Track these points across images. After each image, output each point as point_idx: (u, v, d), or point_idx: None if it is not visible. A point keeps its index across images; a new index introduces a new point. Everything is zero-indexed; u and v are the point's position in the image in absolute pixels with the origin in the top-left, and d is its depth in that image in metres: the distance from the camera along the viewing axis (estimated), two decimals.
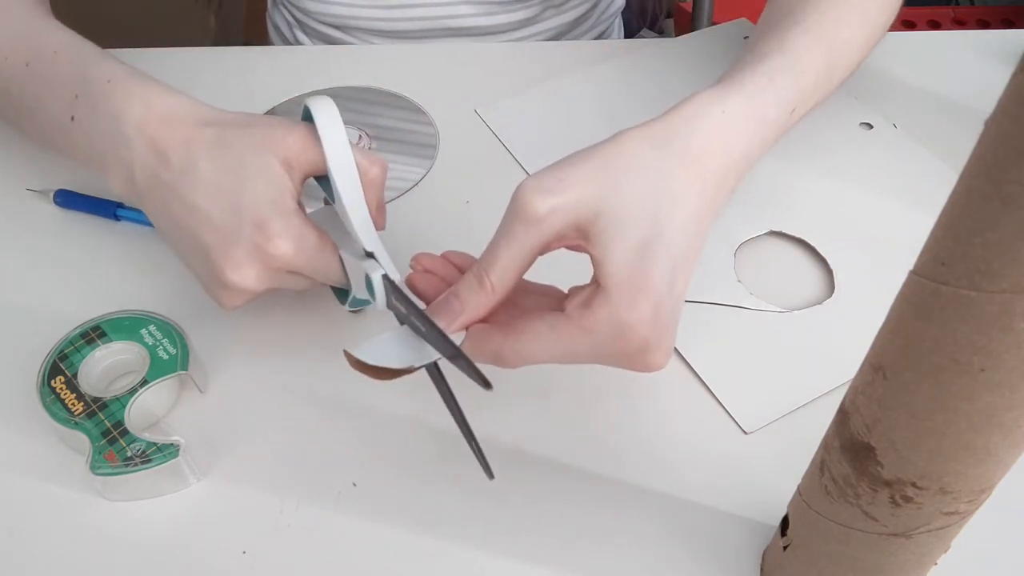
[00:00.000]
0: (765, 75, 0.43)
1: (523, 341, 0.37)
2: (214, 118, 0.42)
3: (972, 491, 0.28)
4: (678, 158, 0.38)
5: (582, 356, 0.37)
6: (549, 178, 0.36)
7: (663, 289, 0.36)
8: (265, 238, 0.39)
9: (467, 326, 0.38)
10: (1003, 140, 0.21)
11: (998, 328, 0.23)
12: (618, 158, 0.37)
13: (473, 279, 0.37)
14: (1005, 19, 1.35)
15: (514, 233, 0.36)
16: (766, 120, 0.42)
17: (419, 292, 0.41)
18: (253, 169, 0.40)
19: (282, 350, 0.47)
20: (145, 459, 0.40)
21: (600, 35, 0.82)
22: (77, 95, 0.44)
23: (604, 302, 0.35)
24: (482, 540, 0.40)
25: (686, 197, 0.37)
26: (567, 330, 0.36)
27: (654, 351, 0.36)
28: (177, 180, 0.41)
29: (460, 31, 0.73)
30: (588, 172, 0.36)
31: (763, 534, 0.41)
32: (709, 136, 0.39)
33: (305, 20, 0.76)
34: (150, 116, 0.42)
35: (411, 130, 0.61)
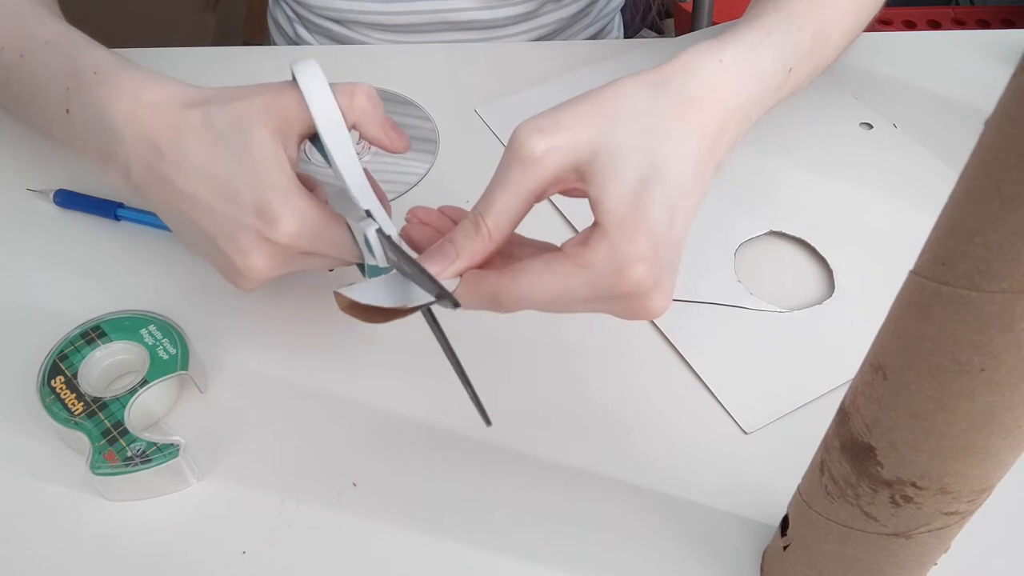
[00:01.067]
0: (761, 29, 0.43)
1: (518, 280, 0.36)
2: (199, 97, 0.41)
3: (972, 491, 0.28)
4: (675, 101, 0.37)
5: (579, 297, 0.36)
6: (546, 119, 0.36)
7: (662, 227, 0.35)
8: (267, 223, 0.39)
9: (462, 273, 0.37)
10: (1003, 140, 0.21)
11: (998, 328, 0.23)
12: (615, 100, 0.37)
13: (469, 225, 0.37)
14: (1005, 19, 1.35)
15: (511, 176, 0.36)
16: (764, 73, 0.42)
17: (414, 244, 0.40)
18: (246, 148, 0.39)
19: (282, 350, 0.47)
20: (145, 459, 0.40)
21: (599, 31, 0.82)
22: (68, 87, 0.44)
23: (601, 238, 0.34)
24: (482, 540, 0.40)
25: (684, 139, 0.37)
26: (564, 268, 0.35)
27: (653, 292, 0.35)
28: (172, 172, 0.40)
29: (461, 25, 0.73)
30: (585, 113, 0.36)
31: (763, 534, 0.41)
32: (706, 82, 0.39)
33: (306, 15, 0.76)
34: (137, 106, 0.41)
35: (411, 129, 0.61)
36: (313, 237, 0.40)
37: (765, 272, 0.52)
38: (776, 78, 0.43)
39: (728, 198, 0.55)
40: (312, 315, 0.49)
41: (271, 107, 0.40)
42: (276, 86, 0.41)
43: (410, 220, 0.41)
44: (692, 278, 0.50)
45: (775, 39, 0.43)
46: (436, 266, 0.36)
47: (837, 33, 0.49)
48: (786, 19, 0.44)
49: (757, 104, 0.42)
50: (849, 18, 0.49)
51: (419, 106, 0.63)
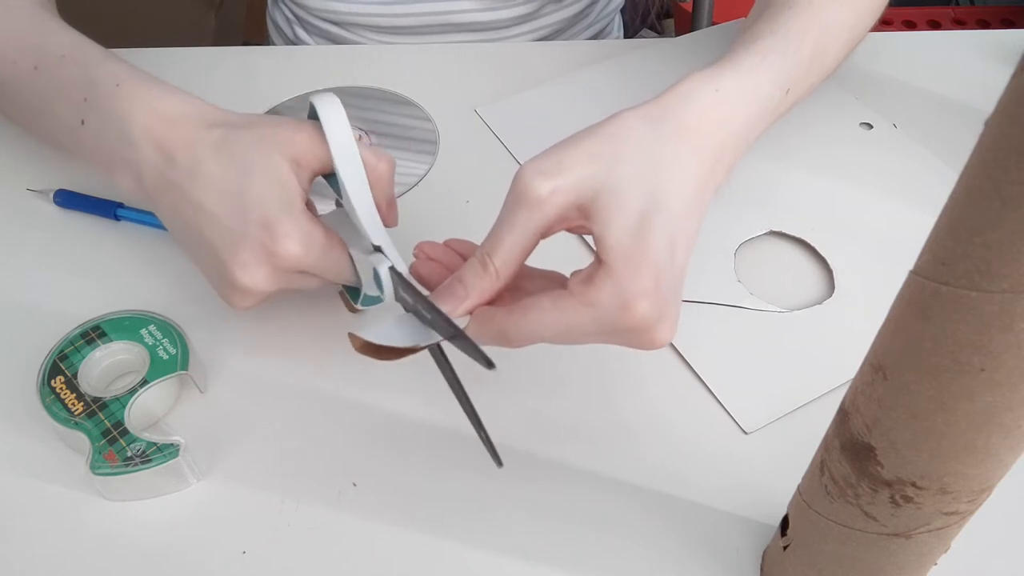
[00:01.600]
0: (758, 54, 0.44)
1: (526, 318, 0.37)
2: (220, 119, 0.42)
3: (972, 491, 0.28)
4: (673, 131, 0.38)
5: (586, 332, 0.37)
6: (547, 161, 0.37)
7: (664, 259, 0.36)
8: (272, 238, 0.39)
9: (471, 311, 0.38)
10: (1003, 140, 0.21)
11: (998, 328, 0.23)
12: (614, 136, 0.38)
13: (477, 264, 0.37)
14: (1005, 19, 1.35)
15: (516, 217, 0.36)
16: (760, 97, 0.42)
17: (423, 280, 0.41)
18: (259, 169, 0.40)
19: (282, 350, 0.47)
20: (145, 459, 0.40)
21: (599, 32, 0.82)
22: (86, 98, 0.45)
23: (606, 276, 0.35)
24: (482, 540, 0.40)
25: (683, 168, 0.37)
26: (570, 306, 0.36)
27: (658, 324, 0.36)
28: (184, 180, 0.41)
29: (461, 26, 0.73)
30: (586, 152, 0.37)
31: (763, 534, 0.41)
32: (703, 111, 0.39)
33: (304, 16, 0.76)
34: (156, 119, 0.42)
35: (411, 130, 0.61)
36: (316, 258, 0.41)
37: (765, 272, 0.52)
38: (773, 99, 0.43)
39: (728, 198, 0.55)
40: (312, 315, 0.49)
41: (290, 139, 0.41)
42: (297, 121, 0.42)
43: (417, 256, 0.41)
44: (692, 278, 0.50)
45: (771, 62, 0.44)
46: (447, 305, 0.37)
47: (835, 48, 0.49)
48: (783, 40, 0.45)
49: (755, 126, 0.42)
50: (847, 33, 0.50)
51: (419, 106, 0.63)
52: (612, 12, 0.82)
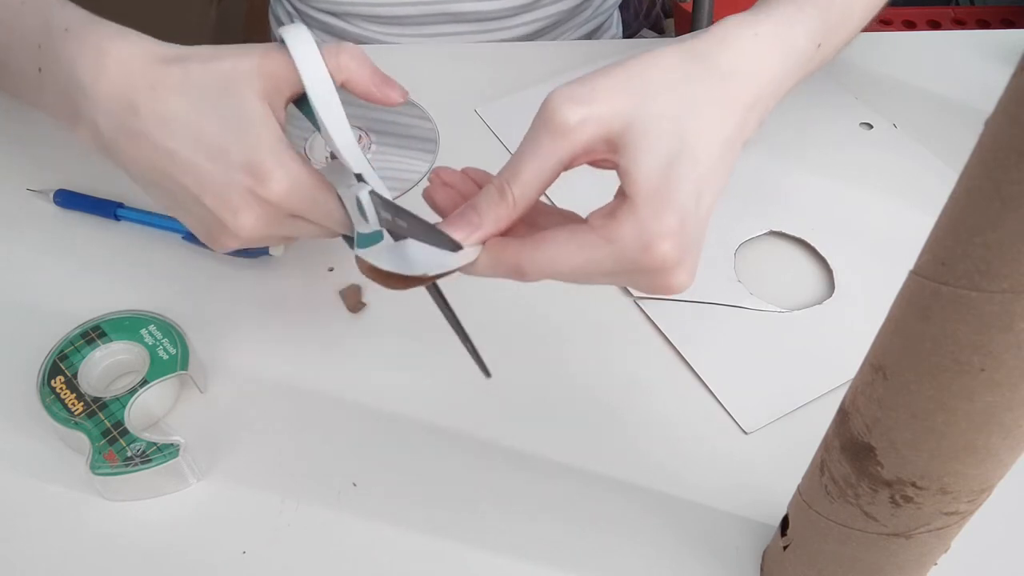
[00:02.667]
0: (793, 4, 0.42)
1: (542, 250, 0.35)
2: (175, 55, 0.40)
3: (972, 491, 0.28)
4: (709, 76, 0.37)
5: (603, 270, 0.35)
6: (580, 88, 0.35)
7: (689, 205, 0.35)
8: (258, 180, 0.38)
9: (484, 240, 0.37)
10: (1003, 140, 0.21)
11: (998, 328, 0.23)
12: (649, 70, 0.36)
13: (494, 191, 0.36)
14: (1005, 19, 1.35)
15: (541, 144, 0.35)
16: (796, 48, 0.41)
17: (437, 206, 0.39)
18: (234, 108, 0.38)
19: (282, 350, 0.47)
20: (145, 459, 0.40)
21: (598, 27, 0.82)
22: (40, 44, 0.42)
23: (630, 212, 0.34)
24: (482, 540, 0.40)
25: (716, 115, 0.36)
26: (589, 240, 0.35)
27: (677, 268, 0.35)
28: (151, 128, 0.39)
29: (459, 16, 0.73)
30: (619, 83, 0.36)
31: (763, 534, 0.41)
32: (740, 56, 0.38)
33: (304, 9, 0.77)
34: (106, 61, 0.40)
35: (411, 130, 0.61)
36: (304, 198, 0.39)
37: (765, 272, 0.52)
38: (807, 53, 0.42)
39: (728, 198, 0.55)
40: (312, 315, 0.49)
41: (259, 69, 0.39)
42: (262, 48, 0.40)
43: (432, 181, 0.40)
44: None
45: (807, 13, 0.42)
46: (458, 232, 0.36)
47: (859, 9, 0.48)
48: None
49: (787, 79, 0.41)
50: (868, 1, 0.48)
51: (419, 105, 0.63)
52: (610, 8, 0.83)
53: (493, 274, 0.36)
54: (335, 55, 0.40)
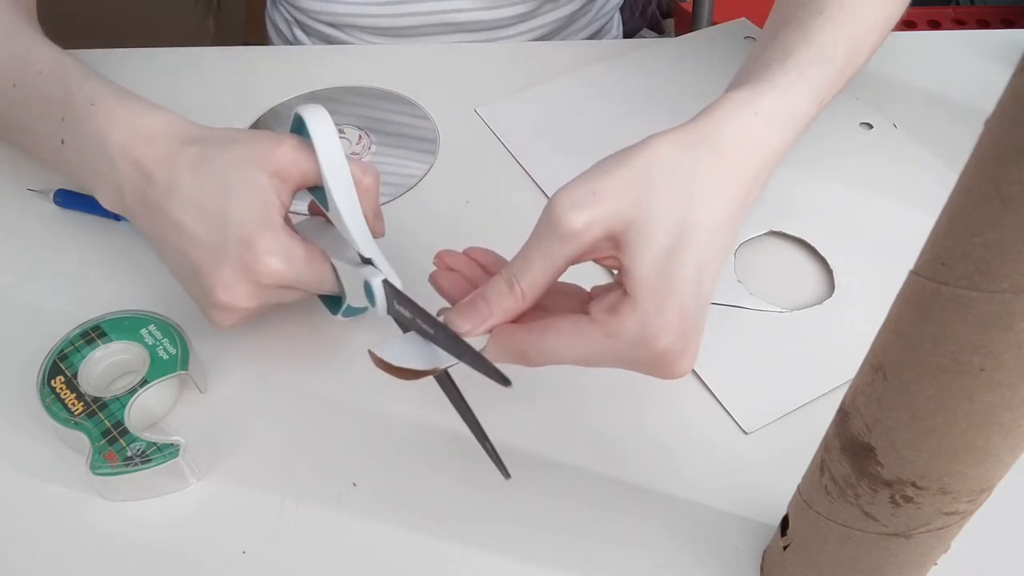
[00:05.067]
0: (795, 70, 0.42)
1: (546, 340, 0.36)
2: (197, 135, 0.42)
3: (972, 491, 0.28)
4: (708, 160, 0.37)
5: (605, 360, 0.37)
6: (582, 191, 0.36)
7: (690, 293, 0.35)
8: (253, 256, 0.39)
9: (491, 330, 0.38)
10: (1003, 140, 0.21)
11: (998, 328, 0.23)
12: (649, 165, 0.37)
13: (504, 284, 0.37)
14: (1005, 19, 1.35)
15: (547, 246, 0.36)
16: (797, 115, 0.42)
17: (443, 291, 0.40)
18: (238, 185, 0.40)
19: (282, 350, 0.47)
20: (145, 459, 0.40)
21: (598, 31, 0.82)
22: (64, 118, 0.45)
23: (631, 310, 0.35)
24: (482, 539, 0.40)
25: (715, 197, 0.37)
26: (591, 333, 0.36)
27: (679, 358, 0.36)
28: (163, 199, 0.41)
29: (459, 26, 0.73)
30: (621, 183, 0.36)
31: (763, 534, 0.41)
32: (741, 136, 0.39)
33: (304, 20, 0.76)
34: (132, 137, 0.42)
35: (411, 130, 0.61)
36: (297, 272, 0.40)
37: (765, 272, 0.52)
38: (809, 115, 0.43)
39: None
40: (312, 315, 0.49)
41: (270, 152, 0.40)
42: (277, 134, 0.41)
43: (437, 265, 0.41)
44: None
45: (808, 77, 0.42)
46: (468, 323, 0.37)
47: (865, 51, 0.48)
48: (818, 52, 0.44)
49: (789, 145, 0.42)
50: (876, 34, 0.49)
51: (419, 106, 0.63)
52: (611, 11, 0.82)
53: (499, 360, 0.37)
54: (362, 172, 0.42)
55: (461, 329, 0.37)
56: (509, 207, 0.55)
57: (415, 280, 0.43)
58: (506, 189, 0.57)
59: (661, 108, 0.62)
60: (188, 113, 0.44)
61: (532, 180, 0.57)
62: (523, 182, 0.57)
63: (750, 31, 0.69)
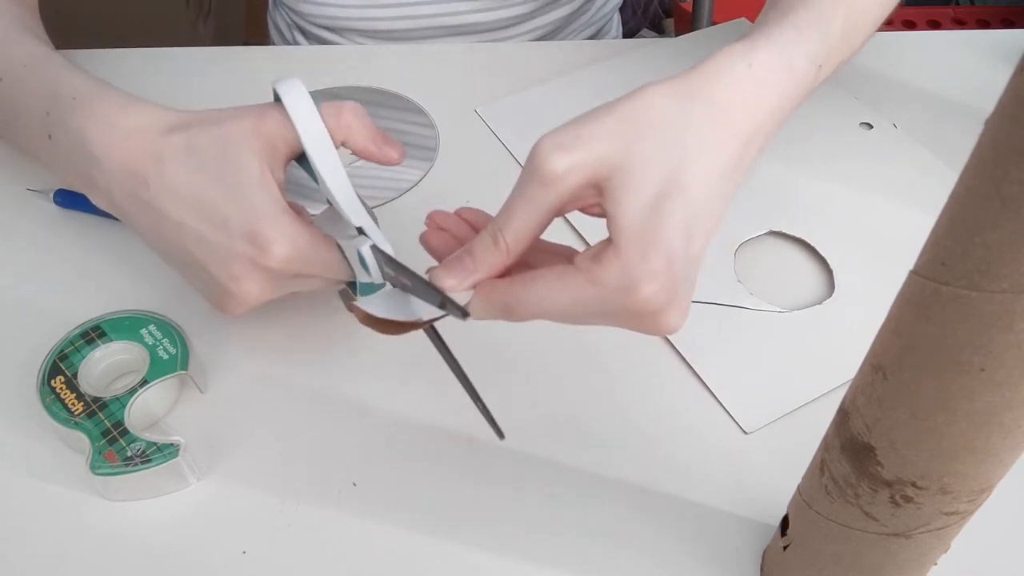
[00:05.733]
0: (792, 27, 0.41)
1: (530, 290, 0.36)
2: (178, 122, 0.41)
3: (972, 491, 0.28)
4: (702, 111, 0.36)
5: (591, 311, 0.36)
6: (567, 134, 0.35)
7: (677, 244, 0.34)
8: (259, 249, 0.39)
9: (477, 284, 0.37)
10: (1003, 140, 0.21)
11: (998, 328, 0.23)
12: (638, 112, 0.36)
13: (488, 238, 0.36)
14: (1005, 19, 1.35)
15: (531, 193, 0.35)
16: (794, 74, 0.41)
17: (432, 250, 0.40)
18: (233, 174, 0.39)
19: (282, 350, 0.47)
20: (145, 459, 0.40)
21: (597, 32, 0.82)
22: (48, 112, 0.43)
23: (614, 255, 0.34)
24: (482, 539, 0.40)
25: (709, 152, 0.36)
26: (575, 282, 0.35)
27: (666, 310, 0.35)
28: (158, 199, 0.40)
29: (458, 29, 0.73)
30: (607, 127, 0.35)
31: (763, 534, 0.41)
32: (735, 89, 0.38)
33: (302, 23, 0.76)
34: (114, 134, 0.41)
35: (411, 130, 0.61)
36: (305, 260, 0.40)
37: (765, 272, 0.52)
38: (807, 77, 0.41)
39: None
40: (312, 315, 0.49)
41: (255, 130, 0.39)
42: (259, 108, 0.40)
43: (428, 225, 0.40)
44: None
45: (806, 37, 0.42)
46: (453, 278, 0.37)
47: (863, 26, 0.47)
48: (817, 16, 0.43)
49: (787, 106, 0.40)
50: (873, 12, 0.48)
51: (418, 105, 0.63)
52: (610, 12, 0.82)
53: (484, 315, 0.37)
54: (336, 114, 0.40)
55: (446, 284, 0.36)
56: None
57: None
58: (506, 189, 0.56)
59: None
60: None
61: None
62: None
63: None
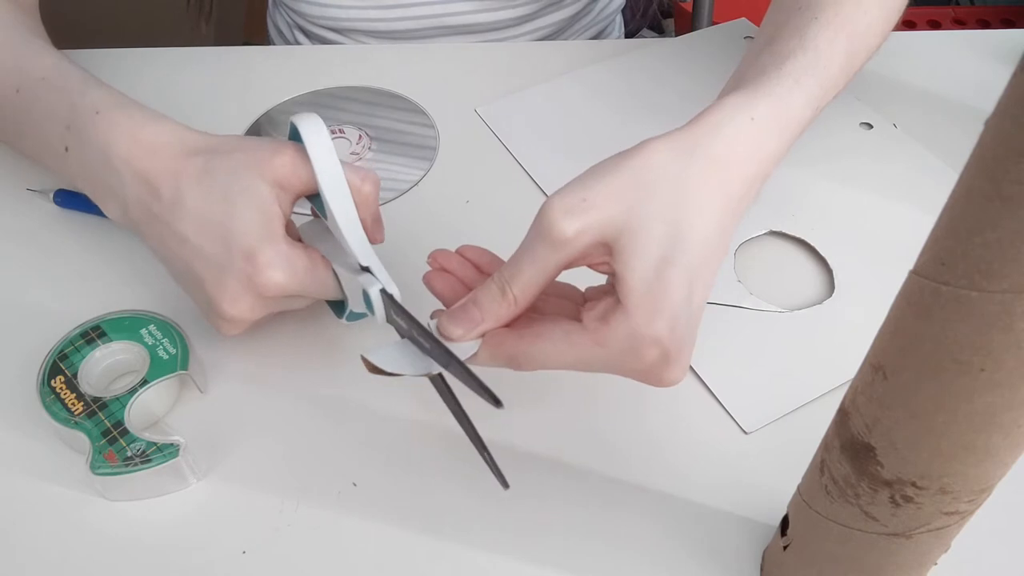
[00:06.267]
0: (790, 76, 0.42)
1: (537, 346, 0.37)
2: (201, 145, 0.42)
3: (972, 491, 0.28)
4: (702, 167, 0.37)
5: (596, 367, 0.37)
6: (573, 197, 0.36)
7: (681, 303, 0.35)
8: (256, 269, 0.39)
9: (484, 335, 0.38)
10: (1003, 140, 0.21)
11: (998, 328, 0.23)
12: (640, 172, 0.37)
13: (496, 289, 0.37)
14: (1005, 19, 1.35)
15: (539, 252, 0.36)
16: (793, 122, 0.41)
17: (437, 292, 0.40)
18: (240, 197, 0.40)
19: (282, 350, 0.47)
20: (145, 459, 0.40)
21: (599, 33, 0.82)
22: (68, 126, 0.44)
23: (622, 319, 0.35)
24: (482, 540, 0.40)
25: (708, 207, 0.37)
26: (582, 342, 0.36)
27: (670, 367, 0.36)
28: (167, 213, 0.41)
29: (459, 29, 0.73)
30: (613, 189, 0.36)
31: (763, 534, 0.41)
32: (735, 143, 0.38)
33: (304, 24, 0.76)
34: (137, 148, 0.42)
35: (411, 130, 0.61)
36: (300, 282, 0.41)
37: (765, 272, 0.52)
38: (805, 120, 0.42)
39: None
40: (312, 315, 0.49)
41: (271, 162, 0.40)
42: (278, 142, 0.42)
43: (431, 265, 0.41)
44: None
45: (804, 84, 0.42)
46: (460, 328, 0.37)
47: (863, 54, 0.48)
48: (814, 57, 0.43)
49: (785, 150, 0.41)
50: (873, 38, 0.48)
51: (419, 106, 0.63)
52: (612, 13, 0.82)
53: (490, 364, 0.38)
54: (360, 179, 0.42)
55: (453, 335, 0.37)
56: (509, 207, 0.55)
57: (415, 281, 0.43)
58: (506, 189, 0.57)
59: (661, 108, 0.62)
60: (189, 113, 0.44)
61: (532, 180, 0.57)
62: (523, 182, 0.57)
63: (750, 31, 0.69)
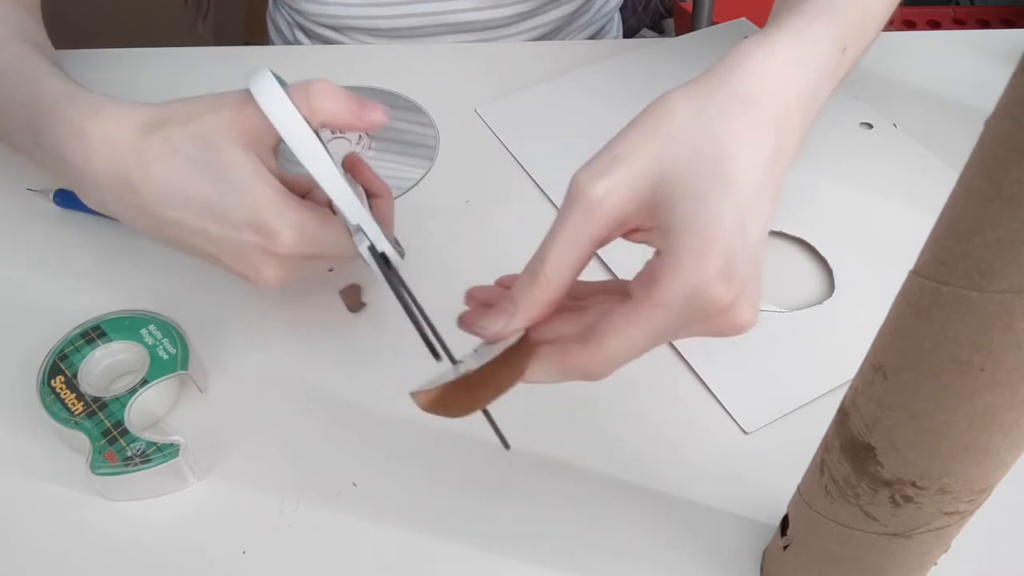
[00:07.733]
0: (808, 14, 0.40)
1: (604, 345, 0.33)
2: (154, 119, 0.39)
3: (972, 491, 0.28)
4: (728, 105, 0.35)
5: (668, 334, 0.34)
6: (599, 161, 0.34)
7: (733, 240, 0.32)
8: (267, 239, 0.39)
9: (526, 326, 0.35)
10: (1003, 140, 0.21)
11: (998, 328, 0.23)
12: (662, 121, 0.34)
13: (526, 275, 0.35)
14: (1005, 19, 1.35)
15: (569, 219, 0.33)
16: (819, 58, 0.39)
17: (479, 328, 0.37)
18: (222, 169, 0.38)
19: (282, 350, 0.47)
20: (145, 459, 0.40)
21: (598, 31, 0.82)
22: (28, 122, 0.43)
23: (673, 269, 0.32)
24: (482, 540, 0.40)
25: (742, 144, 0.34)
26: (643, 314, 0.33)
27: (738, 308, 0.33)
28: (149, 203, 0.39)
29: (459, 26, 0.73)
30: (638, 143, 0.34)
31: (763, 534, 0.41)
32: (757, 78, 0.36)
33: (303, 22, 0.77)
34: (89, 142, 0.40)
35: (411, 130, 0.61)
36: (314, 242, 0.40)
37: (765, 272, 0.52)
38: (832, 60, 0.40)
39: None
40: (312, 315, 0.49)
41: (236, 123, 0.38)
42: (235, 99, 0.39)
43: (468, 304, 0.39)
44: None
45: (824, 22, 0.40)
46: (496, 324, 0.35)
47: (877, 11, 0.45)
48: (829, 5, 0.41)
49: (816, 92, 0.39)
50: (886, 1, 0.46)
51: (419, 106, 0.63)
52: (611, 11, 0.82)
53: (563, 380, 0.35)
54: (304, 98, 0.39)
55: (490, 332, 0.35)
56: (509, 207, 0.55)
57: (415, 281, 0.42)
58: (506, 189, 0.57)
59: None
60: None
61: (532, 180, 0.57)
62: (523, 182, 0.57)
63: (750, 31, 0.69)
